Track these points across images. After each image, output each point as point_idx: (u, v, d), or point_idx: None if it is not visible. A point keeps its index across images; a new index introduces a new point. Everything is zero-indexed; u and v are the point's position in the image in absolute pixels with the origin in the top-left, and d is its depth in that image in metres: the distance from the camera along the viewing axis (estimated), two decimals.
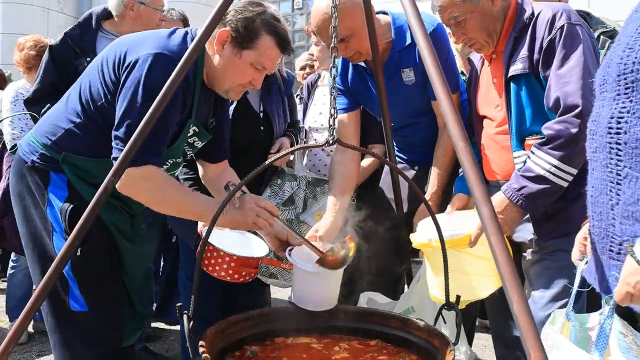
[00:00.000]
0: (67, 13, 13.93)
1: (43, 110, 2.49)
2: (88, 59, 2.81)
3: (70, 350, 1.95)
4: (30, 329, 3.71)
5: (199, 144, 2.12)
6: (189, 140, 2.07)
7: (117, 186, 1.77)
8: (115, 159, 1.77)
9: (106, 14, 3.02)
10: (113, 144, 1.83)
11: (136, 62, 1.81)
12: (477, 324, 3.47)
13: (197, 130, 2.05)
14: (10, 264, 3.90)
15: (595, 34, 4.02)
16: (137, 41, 1.91)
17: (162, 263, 3.64)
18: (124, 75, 1.83)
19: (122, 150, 1.73)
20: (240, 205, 1.88)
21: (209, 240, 1.94)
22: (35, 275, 2.03)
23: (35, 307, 1.73)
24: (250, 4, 1.87)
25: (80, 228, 1.72)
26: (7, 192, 3.46)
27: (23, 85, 3.67)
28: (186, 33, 1.92)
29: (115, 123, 1.83)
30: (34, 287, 3.81)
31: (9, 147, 3.39)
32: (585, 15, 2.79)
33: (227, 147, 2.29)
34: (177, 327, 3.56)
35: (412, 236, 2.20)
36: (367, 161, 2.85)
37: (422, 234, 2.15)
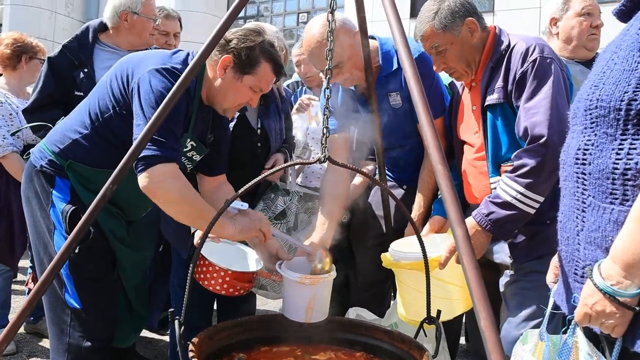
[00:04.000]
0: (73, 17, 14.06)
1: (57, 121, 2.58)
2: (85, 70, 2.94)
3: (64, 343, 2.08)
4: (21, 329, 3.54)
5: (197, 158, 2.24)
6: (187, 154, 2.18)
7: (144, 185, 1.85)
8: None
9: (102, 27, 3.11)
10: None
11: (140, 79, 1.95)
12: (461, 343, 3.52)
13: (194, 144, 2.17)
14: None
15: None
16: (142, 60, 2.05)
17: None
18: (133, 94, 1.96)
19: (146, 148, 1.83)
20: (245, 214, 2.05)
21: (205, 255, 2.03)
22: (39, 274, 2.12)
23: (32, 305, 1.76)
24: (252, 32, 2.05)
25: (78, 232, 1.80)
26: None
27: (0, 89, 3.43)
28: (188, 53, 2.08)
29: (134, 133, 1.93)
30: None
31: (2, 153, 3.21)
32: None
33: (224, 162, 2.40)
34: (166, 335, 3.61)
35: (382, 255, 2.25)
36: (358, 179, 2.92)
37: (391, 254, 2.21)
